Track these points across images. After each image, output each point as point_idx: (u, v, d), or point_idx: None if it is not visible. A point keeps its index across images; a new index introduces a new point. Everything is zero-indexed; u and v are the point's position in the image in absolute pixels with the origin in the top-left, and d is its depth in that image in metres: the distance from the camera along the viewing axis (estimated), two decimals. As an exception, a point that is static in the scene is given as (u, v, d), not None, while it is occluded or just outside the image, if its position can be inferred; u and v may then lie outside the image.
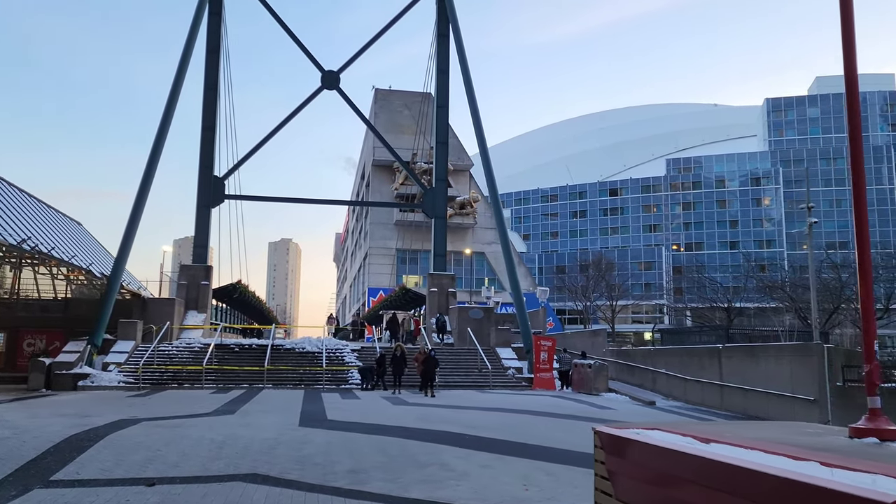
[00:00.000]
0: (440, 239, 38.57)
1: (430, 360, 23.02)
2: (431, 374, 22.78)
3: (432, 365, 22.98)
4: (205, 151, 36.82)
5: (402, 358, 24.03)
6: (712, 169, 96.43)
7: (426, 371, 22.69)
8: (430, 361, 22.99)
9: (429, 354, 23.29)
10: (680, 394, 21.94)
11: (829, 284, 29.95)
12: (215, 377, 26.01)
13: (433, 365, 23.05)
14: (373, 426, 13.47)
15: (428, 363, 22.85)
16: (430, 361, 22.99)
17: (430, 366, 22.81)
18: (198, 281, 35.02)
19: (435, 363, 23.32)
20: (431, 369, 22.83)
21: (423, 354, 23.43)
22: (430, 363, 22.90)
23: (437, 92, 39.66)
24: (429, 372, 22.67)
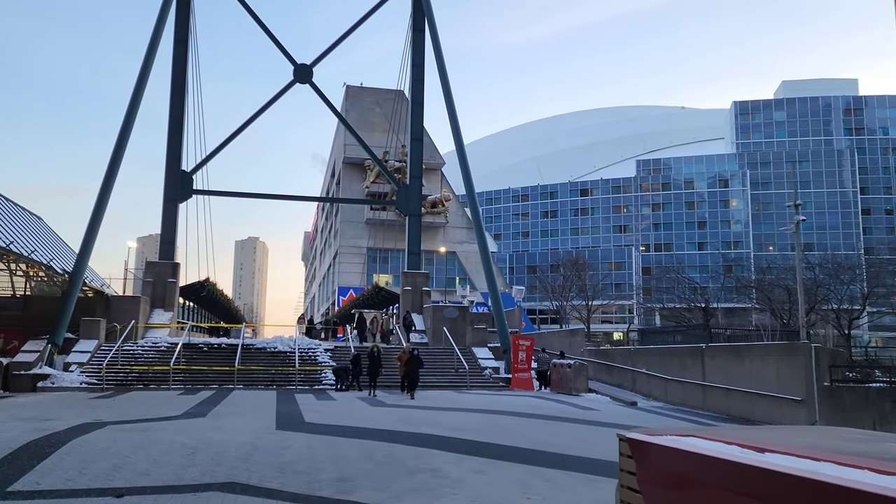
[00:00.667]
0: (414, 237, 38.02)
1: (415, 361, 21.90)
2: (415, 375, 21.75)
3: (416, 365, 21.89)
4: (172, 144, 35.72)
5: (378, 358, 22.90)
6: (681, 170, 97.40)
7: (410, 372, 21.63)
8: (415, 362, 21.88)
9: (412, 355, 22.11)
10: (661, 394, 21.71)
11: (805, 284, 30.14)
12: (183, 378, 25.07)
13: (417, 365, 21.98)
14: (354, 429, 12.86)
15: (412, 364, 21.75)
16: (415, 362, 21.88)
17: (414, 366, 21.72)
18: (164, 278, 33.91)
19: (419, 363, 22.28)
20: (415, 370, 21.78)
21: (407, 354, 22.49)
22: (414, 364, 21.80)
23: (413, 87, 39.10)
24: (413, 373, 21.62)
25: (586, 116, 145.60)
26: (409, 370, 21.54)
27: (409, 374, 21.52)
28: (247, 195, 39.01)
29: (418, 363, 22.15)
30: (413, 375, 21.54)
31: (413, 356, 21.97)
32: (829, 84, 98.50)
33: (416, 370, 21.77)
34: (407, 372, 21.58)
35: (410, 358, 21.84)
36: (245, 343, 28.71)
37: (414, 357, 21.94)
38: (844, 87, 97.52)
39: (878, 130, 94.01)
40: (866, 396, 15.00)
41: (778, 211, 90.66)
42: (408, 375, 21.55)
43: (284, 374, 25.74)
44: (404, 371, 22.01)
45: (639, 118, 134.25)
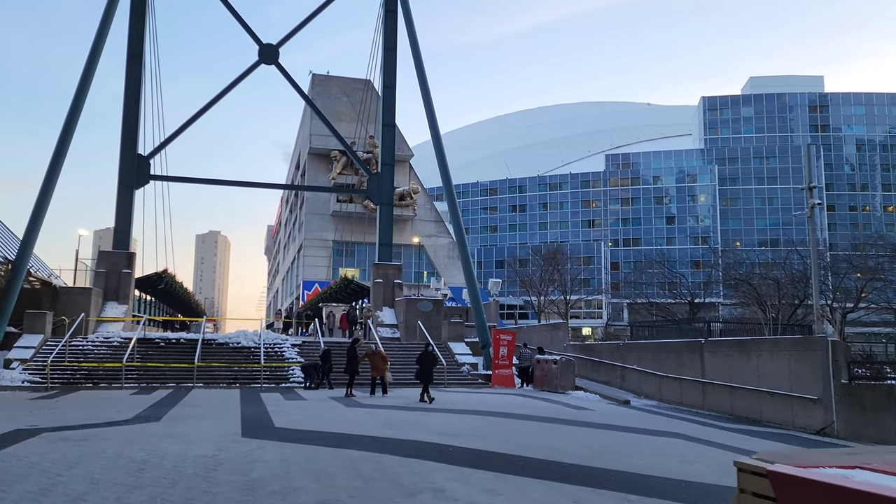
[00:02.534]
0: (386, 227, 36.30)
1: (429, 358, 19.01)
2: (430, 373, 18.81)
3: (431, 363, 19.04)
4: (128, 127, 33.42)
5: (356, 354, 20.48)
6: (650, 165, 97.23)
7: (424, 371, 18.64)
8: (428, 358, 18.99)
9: (427, 351, 19.31)
10: (654, 392, 20.48)
11: (793, 277, 29.40)
12: (137, 376, 23.08)
13: (432, 363, 19.15)
14: (333, 436, 11.21)
15: (426, 361, 18.85)
16: (428, 358, 18.99)
17: (428, 364, 18.82)
18: (119, 269, 31.64)
19: (434, 360, 19.58)
20: (430, 368, 18.85)
21: (372, 352, 20.35)
22: (427, 361, 18.89)
23: (385, 71, 37.28)
24: (427, 371, 18.64)
25: (554, 111, 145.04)
26: (423, 368, 18.67)
27: (422, 372, 18.60)
28: (207, 181, 36.82)
29: (432, 360, 19.37)
30: (427, 374, 18.58)
31: (427, 353, 19.20)
32: (795, 81, 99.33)
33: (430, 368, 18.85)
34: (421, 370, 18.72)
35: (424, 355, 19.10)
36: (206, 338, 26.73)
37: (428, 354, 19.18)
38: (810, 85, 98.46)
39: (842, 128, 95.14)
40: (889, 395, 13.90)
41: (745, 207, 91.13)
42: (422, 374, 18.65)
43: (248, 372, 23.90)
44: (418, 368, 19.17)
45: (605, 113, 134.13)
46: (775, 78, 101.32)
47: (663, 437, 12.86)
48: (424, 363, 18.88)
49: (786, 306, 26.52)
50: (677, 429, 14.15)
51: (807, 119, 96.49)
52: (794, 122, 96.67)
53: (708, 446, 11.86)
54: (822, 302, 25.50)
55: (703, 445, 11.95)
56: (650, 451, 10.90)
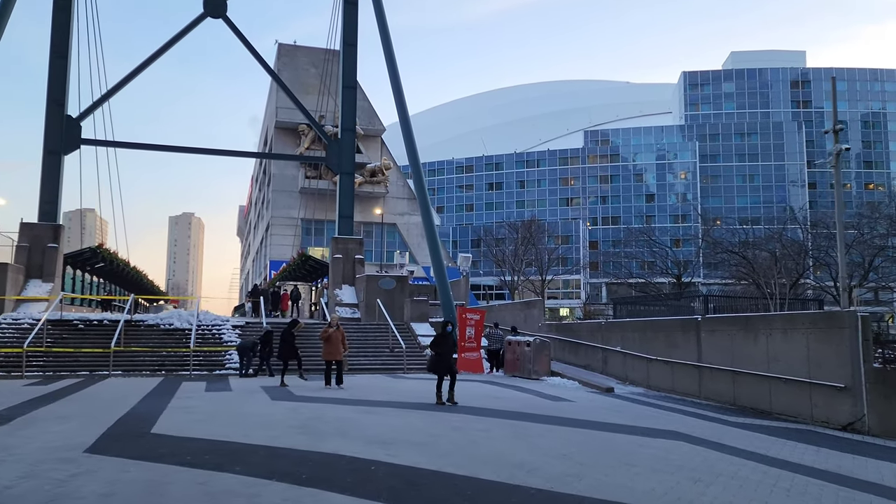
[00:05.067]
0: (346, 198, 33.19)
1: (449, 341, 13.54)
2: (450, 362, 13.40)
3: (450, 348, 13.55)
4: (54, 85, 29.87)
5: (292, 337, 17.30)
6: (629, 142, 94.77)
7: (444, 358, 13.26)
8: (449, 343, 13.52)
9: (445, 331, 13.67)
10: (640, 377, 17.77)
11: (790, 251, 26.92)
12: (44, 362, 19.84)
13: (451, 348, 13.64)
14: (223, 448, 8.27)
15: (445, 345, 13.41)
16: (449, 343, 13.52)
17: (448, 350, 13.43)
18: (43, 244, 28.22)
19: (453, 345, 14.14)
20: (449, 354, 13.47)
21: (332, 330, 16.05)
22: (448, 346, 13.47)
23: (345, 27, 33.97)
24: (446, 359, 13.29)
25: (532, 89, 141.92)
26: (441, 356, 13.26)
27: (440, 361, 13.23)
28: (147, 146, 33.27)
29: (453, 343, 14.08)
30: (447, 364, 13.23)
31: (446, 334, 13.60)
32: (777, 56, 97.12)
33: (449, 354, 13.48)
34: (438, 359, 13.27)
35: (443, 337, 13.49)
36: (135, 319, 23.54)
37: (447, 336, 13.56)
38: (792, 59, 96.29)
39: (824, 104, 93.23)
40: (935, 382, 11.29)
41: (726, 184, 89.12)
42: (439, 364, 13.22)
43: (178, 357, 20.77)
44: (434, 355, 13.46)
45: (585, 91, 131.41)
46: (757, 53, 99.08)
47: (660, 438, 10.09)
48: (443, 348, 13.35)
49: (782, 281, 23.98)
50: (675, 425, 11.41)
51: (788, 95, 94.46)
52: (776, 98, 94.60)
53: (720, 452, 9.11)
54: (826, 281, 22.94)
55: (714, 451, 9.20)
56: (648, 463, 8.11)
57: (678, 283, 35.41)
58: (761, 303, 20.46)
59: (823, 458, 9.19)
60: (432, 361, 13.53)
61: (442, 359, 13.31)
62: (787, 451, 9.57)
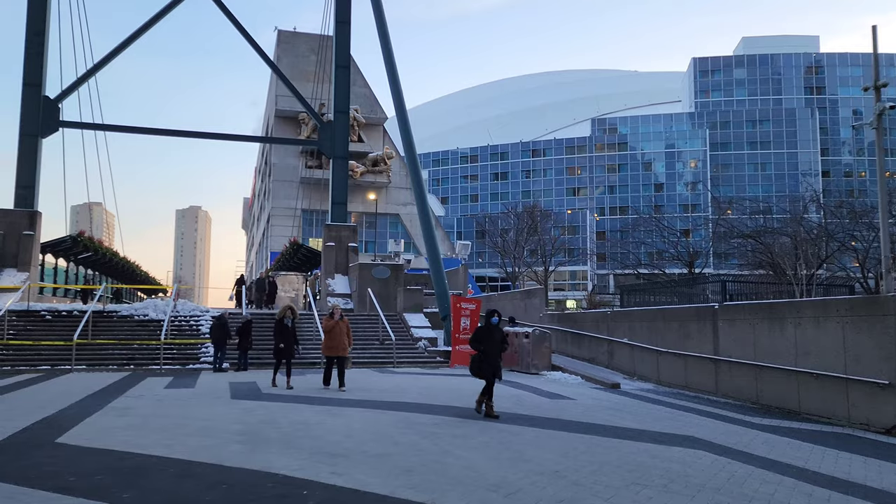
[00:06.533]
0: (340, 184, 31.54)
1: (494, 334, 10.54)
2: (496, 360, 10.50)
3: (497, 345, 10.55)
4: (31, 65, 28.50)
5: (293, 329, 14.55)
6: (638, 131, 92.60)
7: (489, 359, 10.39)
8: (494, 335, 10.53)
9: (490, 322, 10.63)
10: (650, 372, 16.08)
11: (810, 233, 25.11)
12: (3, 356, 18.34)
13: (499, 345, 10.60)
14: (126, 461, 6.68)
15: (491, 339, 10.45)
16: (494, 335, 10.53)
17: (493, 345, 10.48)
18: (19, 231, 26.78)
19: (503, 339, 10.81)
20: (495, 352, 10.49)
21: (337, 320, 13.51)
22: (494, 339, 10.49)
23: (337, 4, 32.27)
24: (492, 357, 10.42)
25: (538, 79, 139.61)
26: (487, 353, 10.39)
27: (486, 362, 10.39)
28: (131, 129, 31.67)
29: (501, 338, 10.73)
30: (494, 363, 10.43)
31: (492, 326, 10.59)
32: (790, 41, 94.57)
33: (497, 353, 10.52)
34: (483, 357, 10.41)
35: (487, 329, 10.56)
36: (108, 310, 22.05)
37: (494, 328, 10.59)
38: (805, 45, 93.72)
39: (838, 90, 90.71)
40: None
41: (737, 173, 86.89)
42: (485, 365, 10.40)
43: (149, 350, 19.24)
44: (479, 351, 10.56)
45: (591, 80, 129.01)
46: (769, 38, 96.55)
47: (676, 445, 8.43)
48: (489, 345, 10.44)
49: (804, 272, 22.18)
50: (692, 429, 9.74)
51: (801, 81, 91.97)
52: (788, 84, 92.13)
53: (749, 465, 7.45)
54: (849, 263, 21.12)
55: (741, 463, 7.54)
56: (662, 482, 6.46)
57: (689, 271, 33.62)
58: (785, 289, 18.67)
59: (876, 473, 7.50)
60: (476, 362, 10.51)
61: (488, 359, 10.35)
62: (830, 463, 7.89)
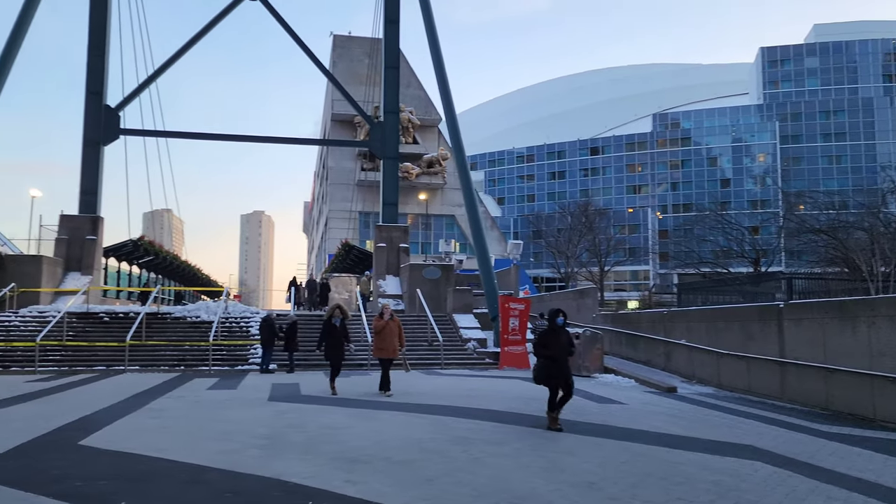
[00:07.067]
0: (391, 184, 31.41)
1: (561, 337, 9.31)
2: (567, 371, 9.33)
3: (564, 349, 9.30)
4: (93, 75, 29.35)
5: (342, 329, 13.28)
6: (702, 124, 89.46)
7: (559, 363, 9.21)
8: (561, 338, 9.30)
9: (556, 324, 9.40)
10: (710, 375, 15.14)
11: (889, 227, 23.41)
12: (61, 356, 18.81)
13: (566, 349, 9.34)
14: (140, 465, 6.48)
15: (558, 343, 9.24)
16: (561, 338, 9.30)
17: (562, 348, 9.24)
18: (82, 236, 27.62)
19: (569, 341, 9.49)
20: (564, 355, 9.27)
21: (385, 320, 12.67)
22: (561, 342, 9.27)
23: (387, 4, 32.13)
24: (562, 366, 9.25)
25: (597, 75, 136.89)
26: (554, 358, 9.18)
27: (554, 367, 9.23)
28: (187, 135, 32.36)
29: (569, 340, 9.46)
30: (562, 369, 9.24)
31: (557, 327, 9.35)
32: (866, 27, 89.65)
33: (564, 357, 9.30)
34: (549, 361, 9.22)
35: (553, 332, 9.33)
36: (162, 312, 22.42)
37: (559, 329, 9.36)
38: (882, 30, 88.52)
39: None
40: None
41: (810, 166, 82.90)
42: (552, 371, 9.24)
43: (200, 351, 19.40)
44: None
45: (652, 75, 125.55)
46: (843, 24, 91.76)
47: (730, 455, 7.68)
48: (556, 349, 9.22)
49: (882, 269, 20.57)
50: (751, 437, 8.93)
51: (879, 69, 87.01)
52: (865, 72, 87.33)
53: (812, 479, 6.67)
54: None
55: (803, 476, 6.76)
56: (709, 497, 5.78)
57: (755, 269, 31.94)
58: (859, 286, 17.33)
59: (963, 492, 6.59)
60: (541, 369, 9.34)
61: (556, 364, 9.18)
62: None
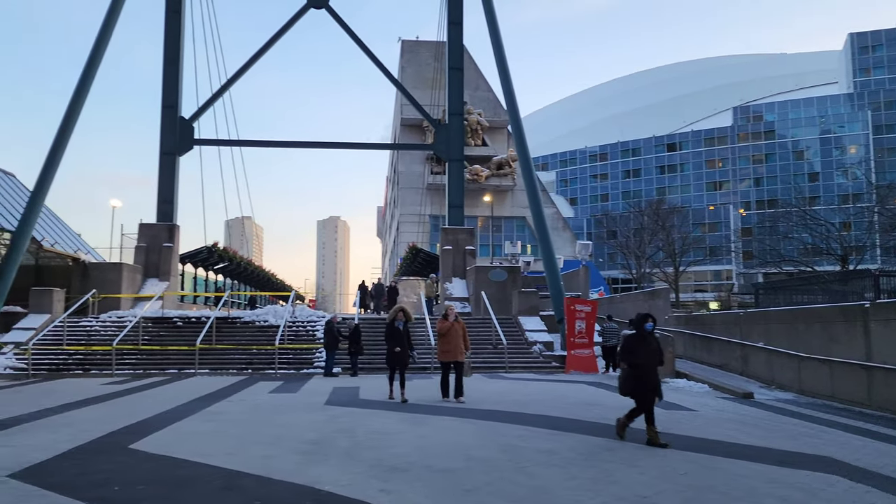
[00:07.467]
0: (456, 186, 31.24)
1: (651, 344, 8.54)
2: (657, 382, 8.37)
3: (654, 355, 8.45)
4: (168, 88, 30.44)
5: (405, 333, 12.68)
6: (787, 116, 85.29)
7: (648, 374, 8.30)
8: (651, 345, 8.52)
9: (645, 329, 8.57)
10: (790, 380, 14.16)
11: None
12: (136, 360, 19.51)
13: (657, 356, 8.49)
14: (181, 471, 6.47)
15: (647, 350, 8.42)
16: (651, 345, 8.52)
17: (652, 357, 8.41)
18: (159, 243, 28.71)
19: (658, 349, 8.62)
20: (654, 368, 8.39)
21: (452, 322, 12.16)
22: (651, 349, 8.46)
23: (450, 5, 32.03)
24: (651, 377, 8.31)
25: (673, 69, 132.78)
26: (643, 367, 8.30)
27: (643, 379, 8.29)
28: (259, 143, 33.16)
29: (658, 347, 8.61)
30: (652, 380, 8.30)
31: (645, 333, 8.53)
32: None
33: (654, 368, 8.39)
34: (638, 370, 8.32)
35: (642, 339, 8.50)
36: (232, 316, 23.00)
37: (648, 336, 8.53)
38: None
39: None
40: None
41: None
42: (641, 383, 8.29)
43: (267, 355, 19.72)
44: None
45: (733, 66, 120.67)
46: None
47: (804, 468, 7.01)
48: (645, 356, 8.36)
49: None
50: (831, 448, 8.17)
51: None
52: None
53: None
54: None
55: (886, 494, 6.06)
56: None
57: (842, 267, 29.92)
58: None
59: None
60: (627, 378, 8.41)
61: (644, 373, 8.26)
62: None
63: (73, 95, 24.73)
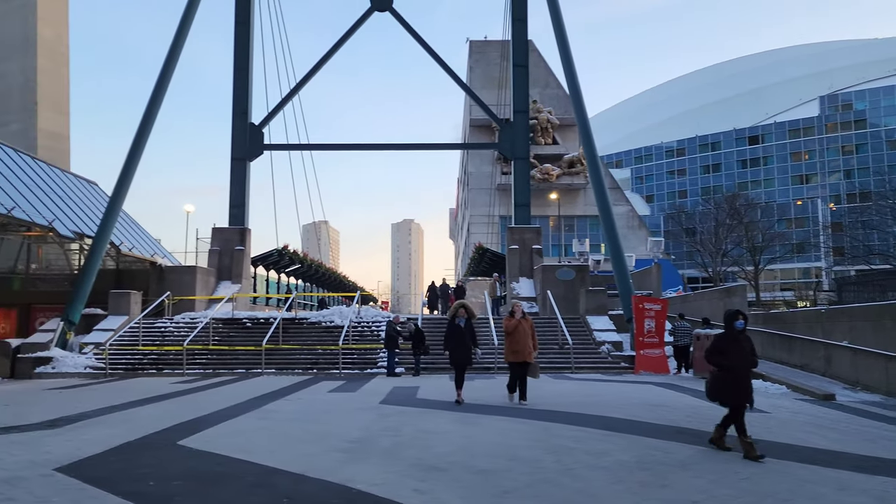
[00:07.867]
0: (522, 184, 30.77)
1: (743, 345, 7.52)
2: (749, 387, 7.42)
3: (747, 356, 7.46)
4: (238, 96, 31.33)
5: (468, 330, 11.88)
6: (879, 104, 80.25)
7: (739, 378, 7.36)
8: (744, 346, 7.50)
9: (733, 327, 7.53)
10: (877, 381, 13.08)
11: None
12: (206, 360, 20.04)
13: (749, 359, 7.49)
14: (219, 467, 6.47)
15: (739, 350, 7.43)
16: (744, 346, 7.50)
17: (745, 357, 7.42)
18: (231, 246, 29.54)
19: (752, 349, 7.58)
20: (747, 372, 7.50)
21: (517, 320, 11.47)
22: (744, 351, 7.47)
23: (514, 1, 31.64)
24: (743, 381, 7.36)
25: (753, 60, 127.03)
26: (734, 370, 7.35)
27: (734, 383, 7.31)
28: (327, 147, 33.69)
29: (751, 349, 7.54)
30: (744, 385, 7.34)
31: (735, 332, 7.49)
32: None
33: (747, 371, 7.46)
34: (728, 374, 7.36)
35: (732, 339, 7.49)
36: (299, 317, 23.36)
37: (739, 334, 7.51)
38: None
39: None
40: None
41: None
42: (731, 387, 7.32)
43: (332, 355, 19.87)
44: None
45: (819, 54, 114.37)
46: None
47: (879, 474, 6.34)
48: (735, 355, 7.42)
49: None
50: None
51: None
52: None
53: None
54: None
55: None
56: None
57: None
58: None
59: None
60: (715, 382, 7.54)
61: (738, 379, 7.34)
62: None
63: (147, 105, 25.58)
